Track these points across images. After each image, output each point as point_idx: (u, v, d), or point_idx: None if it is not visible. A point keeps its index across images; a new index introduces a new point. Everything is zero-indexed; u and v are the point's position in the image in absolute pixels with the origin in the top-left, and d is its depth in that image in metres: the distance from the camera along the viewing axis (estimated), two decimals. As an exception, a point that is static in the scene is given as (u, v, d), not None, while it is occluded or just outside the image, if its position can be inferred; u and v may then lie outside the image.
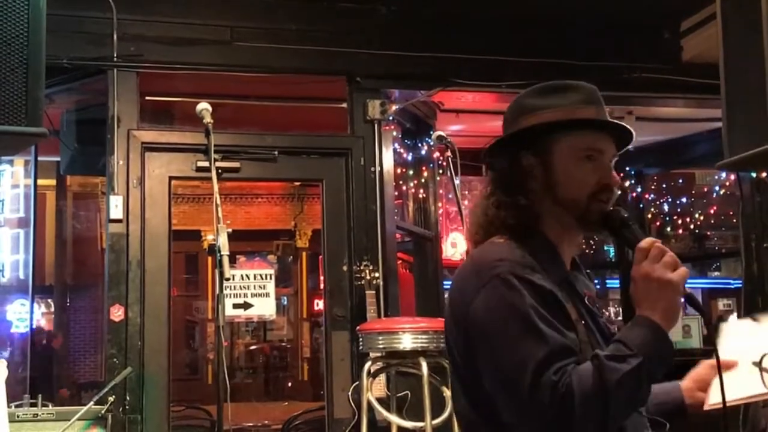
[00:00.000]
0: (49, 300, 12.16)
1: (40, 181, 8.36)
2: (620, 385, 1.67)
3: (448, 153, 4.77)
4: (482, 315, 1.80)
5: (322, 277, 5.90)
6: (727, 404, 1.85)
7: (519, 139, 1.98)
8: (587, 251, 8.65)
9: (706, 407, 2.07)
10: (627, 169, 8.32)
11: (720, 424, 1.87)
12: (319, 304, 12.27)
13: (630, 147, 2.13)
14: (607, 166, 1.95)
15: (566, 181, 1.92)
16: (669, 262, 1.76)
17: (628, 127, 2.03)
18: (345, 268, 5.61)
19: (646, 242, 1.79)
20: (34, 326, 8.88)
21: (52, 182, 9.50)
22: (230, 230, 3.44)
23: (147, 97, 5.57)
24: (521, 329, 1.74)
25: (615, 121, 2.01)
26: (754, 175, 6.05)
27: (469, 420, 1.91)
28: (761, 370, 2.03)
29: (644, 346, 1.71)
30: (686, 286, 1.76)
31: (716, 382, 1.92)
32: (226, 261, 3.35)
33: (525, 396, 1.70)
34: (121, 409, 4.97)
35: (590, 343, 1.82)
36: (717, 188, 10.25)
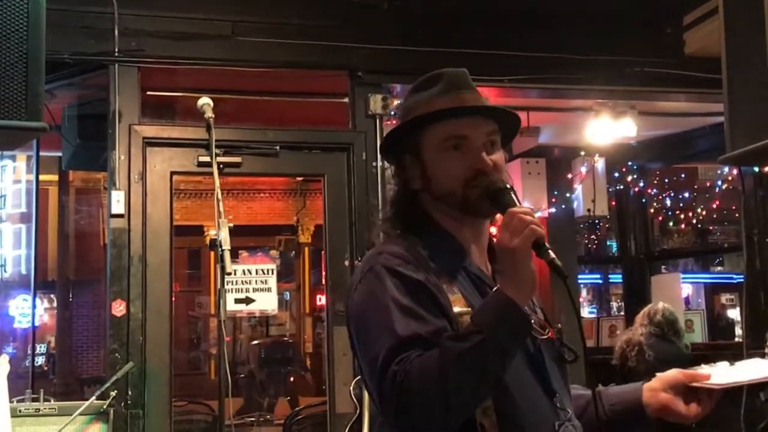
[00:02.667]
0: (52, 295, 12.19)
1: (42, 177, 8.37)
2: (460, 363, 1.63)
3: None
4: (354, 310, 1.87)
5: (324, 273, 5.90)
6: (730, 385, 1.84)
7: (399, 142, 2.00)
8: (589, 246, 8.64)
9: (717, 387, 1.94)
10: (629, 163, 8.32)
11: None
12: (322, 300, 12.27)
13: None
14: (476, 150, 1.90)
15: (437, 175, 1.92)
16: (515, 227, 1.70)
17: (481, 106, 1.97)
18: (347, 263, 5.62)
19: (511, 210, 1.74)
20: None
21: (55, 177, 9.50)
22: (231, 225, 3.43)
23: (148, 92, 5.57)
24: (378, 322, 1.76)
25: (464, 105, 1.94)
26: (756, 169, 6.04)
27: (379, 423, 1.91)
28: None
29: (490, 320, 1.68)
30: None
31: (720, 366, 1.90)
32: (227, 256, 3.34)
33: (375, 389, 1.74)
34: (122, 404, 4.97)
35: None
36: (719, 183, 10.25)
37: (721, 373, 1.99)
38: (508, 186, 1.86)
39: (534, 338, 1.88)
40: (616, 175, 8.39)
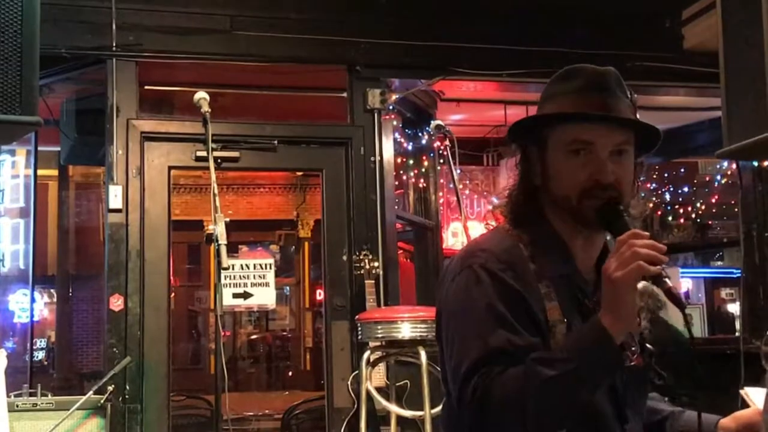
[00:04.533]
0: (52, 290, 12.18)
1: (42, 172, 8.35)
2: (545, 389, 1.59)
3: (447, 142, 4.76)
4: (448, 305, 1.81)
5: (323, 267, 5.90)
6: None
7: (528, 131, 1.91)
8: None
9: None
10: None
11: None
12: (321, 294, 12.27)
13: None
14: (600, 160, 1.78)
15: (557, 176, 1.82)
16: (624, 258, 1.61)
17: (615, 116, 1.82)
18: (345, 257, 5.61)
19: (623, 236, 1.66)
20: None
21: (54, 172, 9.48)
22: (228, 219, 3.43)
23: (146, 87, 5.57)
24: (470, 326, 1.71)
25: (593, 112, 1.80)
26: (755, 164, 6.03)
27: (450, 412, 1.88)
28: None
29: (582, 350, 1.62)
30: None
31: None
32: (224, 250, 3.34)
33: (455, 393, 1.70)
34: (120, 399, 4.98)
35: None
36: (719, 177, 10.23)
37: None
38: (622, 207, 1.77)
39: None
40: (615, 169, 8.37)
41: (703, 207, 11.20)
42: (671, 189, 10.32)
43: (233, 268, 5.52)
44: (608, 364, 1.64)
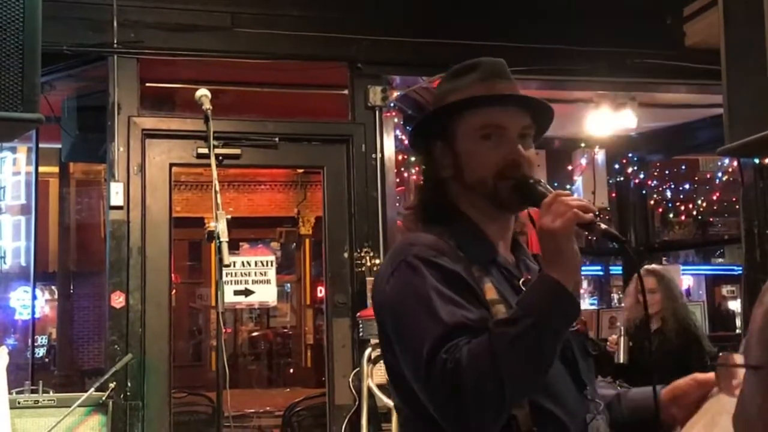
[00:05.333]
0: (53, 287, 12.20)
1: (43, 169, 8.35)
2: (512, 348, 1.60)
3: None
4: (390, 300, 1.80)
5: (324, 264, 5.90)
6: None
7: (429, 128, 1.95)
8: (590, 238, 8.63)
9: None
10: (630, 155, 8.30)
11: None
12: (323, 291, 12.29)
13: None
14: (512, 141, 1.85)
15: (469, 163, 1.87)
16: (557, 210, 1.67)
17: (522, 95, 1.91)
18: (346, 254, 5.61)
19: (549, 197, 1.72)
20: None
21: (56, 169, 9.50)
22: (229, 216, 3.42)
23: (147, 84, 5.56)
24: (420, 312, 1.71)
25: (504, 93, 1.89)
26: (756, 161, 6.03)
27: (403, 415, 1.88)
28: None
29: (539, 304, 1.65)
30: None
31: (703, 412, 1.78)
32: (225, 247, 3.34)
33: (423, 378, 1.67)
34: (122, 396, 4.98)
35: None
36: (720, 174, 10.22)
37: None
38: (533, 179, 1.83)
39: None
40: (617, 166, 8.38)
41: (704, 204, 11.19)
42: (672, 186, 10.31)
43: (234, 266, 5.51)
44: (566, 311, 1.67)
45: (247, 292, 5.63)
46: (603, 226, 1.68)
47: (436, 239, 1.82)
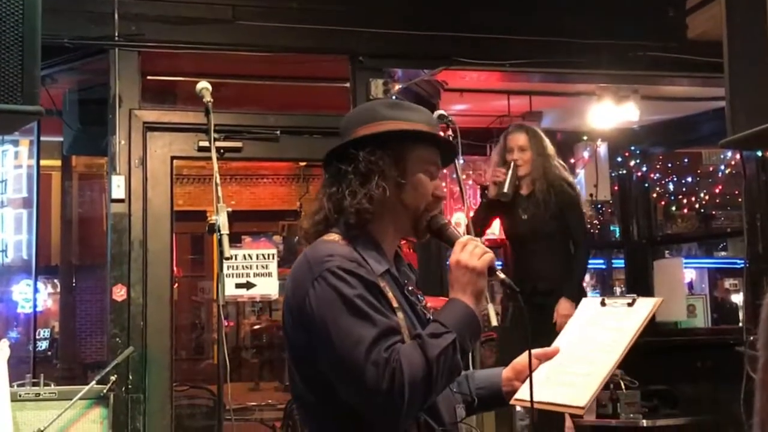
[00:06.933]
0: (56, 280, 12.20)
1: (45, 162, 8.35)
2: (440, 358, 1.91)
3: (450, 132, 4.74)
4: (316, 306, 1.97)
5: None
6: (536, 405, 2.06)
7: (374, 140, 2.13)
8: (592, 231, 8.62)
9: (511, 401, 2.24)
10: (632, 148, 8.28)
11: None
12: (324, 285, 12.25)
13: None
14: (439, 181, 2.19)
15: (413, 187, 2.13)
16: (476, 252, 2.03)
17: (456, 150, 2.42)
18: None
19: (464, 238, 2.08)
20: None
21: (58, 163, 9.50)
22: (230, 209, 3.41)
23: (149, 77, 5.56)
24: (351, 315, 1.93)
25: (450, 141, 2.57)
26: (759, 154, 6.01)
27: (305, 401, 2.09)
28: None
29: (457, 324, 1.97)
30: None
31: (535, 377, 2.10)
32: (226, 240, 3.33)
33: (360, 374, 1.88)
34: (123, 389, 4.98)
35: (408, 327, 2.02)
36: (723, 167, 10.22)
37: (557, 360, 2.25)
38: (445, 221, 2.18)
39: None
40: (619, 159, 8.35)
41: (707, 197, 11.19)
42: (675, 179, 10.31)
43: (236, 259, 5.52)
44: (475, 332, 2.03)
45: (249, 285, 5.63)
46: (501, 275, 2.07)
47: (349, 252, 2.04)
